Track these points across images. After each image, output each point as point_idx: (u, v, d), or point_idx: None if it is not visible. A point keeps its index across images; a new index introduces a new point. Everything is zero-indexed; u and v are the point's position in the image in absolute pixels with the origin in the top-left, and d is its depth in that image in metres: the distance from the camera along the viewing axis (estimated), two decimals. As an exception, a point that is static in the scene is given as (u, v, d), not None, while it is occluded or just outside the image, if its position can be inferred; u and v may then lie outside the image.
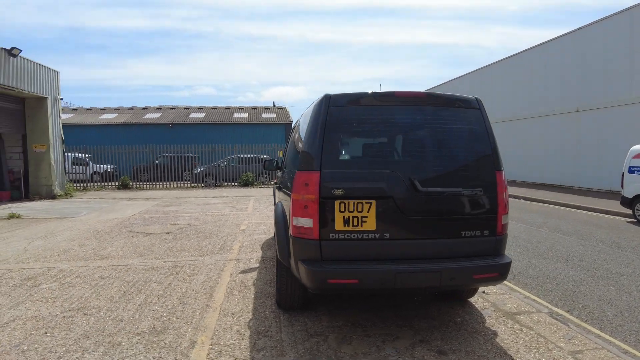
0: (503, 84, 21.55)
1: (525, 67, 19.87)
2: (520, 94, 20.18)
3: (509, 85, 21.04)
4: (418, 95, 3.35)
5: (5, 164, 14.24)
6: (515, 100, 20.45)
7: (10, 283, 5.01)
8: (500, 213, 3.30)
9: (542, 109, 18.63)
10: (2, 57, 11.82)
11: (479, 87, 23.83)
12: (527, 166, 19.57)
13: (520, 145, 20.19)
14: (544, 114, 18.51)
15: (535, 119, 19.09)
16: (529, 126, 19.50)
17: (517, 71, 20.44)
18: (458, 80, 26.59)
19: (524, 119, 19.80)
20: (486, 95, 23.21)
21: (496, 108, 22.08)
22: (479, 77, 24.16)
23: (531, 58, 19.54)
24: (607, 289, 5.08)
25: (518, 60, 20.47)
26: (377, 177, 3.17)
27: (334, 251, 3.12)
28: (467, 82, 25.32)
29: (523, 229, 8.97)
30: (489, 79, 23.01)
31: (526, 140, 19.74)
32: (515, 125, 20.46)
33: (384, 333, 3.57)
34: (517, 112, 20.40)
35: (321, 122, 3.19)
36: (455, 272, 3.11)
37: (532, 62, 19.43)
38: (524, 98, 19.95)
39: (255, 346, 3.37)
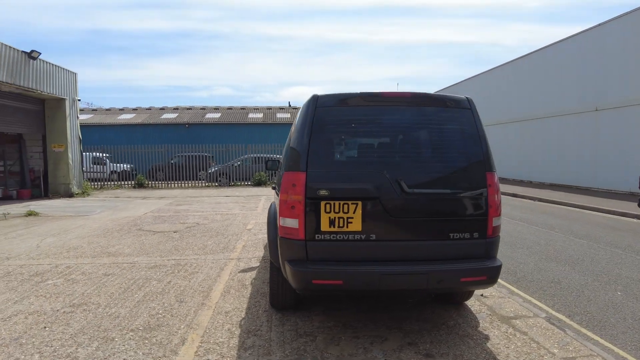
0: (518, 83, 21.09)
1: (540, 66, 19.39)
2: (535, 93, 19.70)
3: (523, 85, 20.58)
4: (405, 96, 3.31)
5: (26, 163, 14.75)
6: (531, 100, 19.97)
7: (18, 278, 5.19)
8: (491, 215, 3.24)
9: (558, 109, 18.16)
10: (23, 60, 12.25)
11: (493, 87, 23.40)
12: (542, 167, 19.11)
13: (535, 145, 19.73)
14: (560, 114, 18.03)
15: (551, 119, 18.61)
16: (545, 126, 19.03)
17: (532, 70, 19.96)
18: (471, 80, 26.16)
19: (540, 118, 19.33)
20: (500, 95, 22.80)
21: (511, 108, 21.64)
22: (492, 76, 23.70)
23: (546, 57, 19.06)
24: (613, 294, 4.92)
25: (533, 59, 19.99)
26: (363, 178, 3.16)
27: (320, 252, 3.12)
28: (479, 82, 24.89)
29: (533, 230, 8.76)
30: (504, 79, 22.54)
31: (542, 140, 19.27)
32: (531, 125, 20.00)
33: (373, 335, 3.55)
34: (532, 112, 19.93)
35: (308, 123, 3.20)
36: (442, 275, 3.07)
37: (548, 61, 18.95)
38: (539, 97, 19.47)
39: (244, 345, 3.41)
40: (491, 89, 23.76)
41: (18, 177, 14.73)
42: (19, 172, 14.73)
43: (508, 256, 6.69)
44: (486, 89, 24.31)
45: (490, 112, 23.64)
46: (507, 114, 22.02)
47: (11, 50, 11.77)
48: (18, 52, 12.05)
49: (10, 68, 11.77)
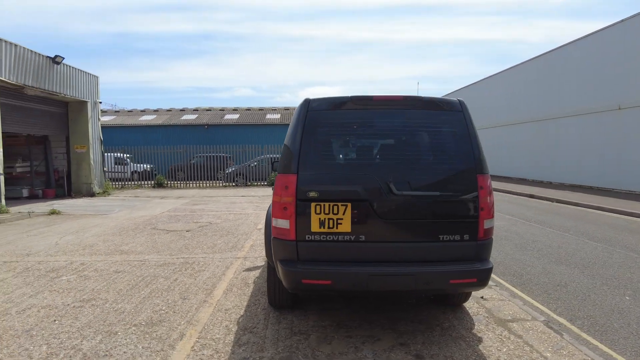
0: (537, 82, 20.57)
1: (559, 65, 18.86)
2: (554, 92, 19.19)
3: (542, 84, 20.06)
4: (396, 99, 3.35)
5: (51, 163, 15.38)
6: (550, 99, 19.46)
7: (35, 274, 5.46)
8: (482, 217, 3.23)
9: (578, 108, 17.64)
10: (47, 64, 12.79)
11: (510, 86, 22.91)
12: (562, 167, 18.61)
13: (554, 145, 19.22)
14: (580, 113, 17.52)
15: (571, 118, 18.09)
16: (564, 125, 18.50)
17: (550, 69, 19.44)
18: (489, 79, 25.68)
19: (559, 118, 18.81)
20: (518, 94, 22.31)
21: (529, 107, 21.15)
22: (510, 75, 23.19)
23: (566, 55, 18.53)
24: (621, 298, 4.81)
25: (551, 57, 19.47)
26: (353, 180, 3.21)
27: (310, 252, 3.19)
28: (496, 81, 24.39)
29: (547, 232, 8.59)
30: (522, 78, 22.03)
31: (561, 140, 18.76)
32: (549, 125, 19.49)
33: (366, 334, 3.60)
34: (551, 111, 19.42)
35: (300, 126, 3.28)
36: (430, 276, 3.10)
37: (567, 59, 18.42)
38: (558, 97, 18.96)
39: (239, 341, 3.51)
40: (508, 89, 23.28)
41: (44, 177, 15.38)
42: (45, 172, 15.37)
43: (516, 258, 6.60)
44: (503, 88, 23.84)
45: (508, 112, 23.17)
46: (525, 114, 21.53)
47: (36, 56, 12.31)
48: (43, 57, 12.59)
49: (35, 73, 12.32)
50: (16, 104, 12.72)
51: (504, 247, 7.36)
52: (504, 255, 6.81)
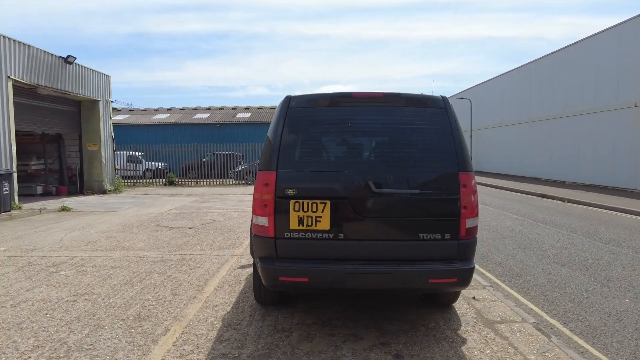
0: (551, 80, 20.08)
1: (573, 62, 18.36)
2: (569, 90, 18.69)
3: (556, 82, 19.57)
4: (376, 96, 3.30)
5: (65, 161, 15.76)
6: (565, 97, 18.97)
7: (36, 269, 5.60)
8: (463, 216, 3.17)
9: (592, 106, 17.16)
10: (60, 64, 13.10)
11: (523, 84, 22.43)
12: (576, 166, 18.14)
13: (568, 144, 18.75)
14: (595, 111, 17.03)
15: (585, 116, 17.61)
16: (578, 124, 18.02)
17: (565, 66, 18.94)
18: (499, 78, 25.18)
19: (573, 116, 18.33)
20: (532, 92, 21.84)
21: (542, 105, 20.68)
22: (522, 73, 22.69)
23: (580, 51, 18.02)
24: (620, 301, 4.66)
25: (564, 54, 18.96)
26: (332, 177, 3.19)
27: (289, 250, 3.18)
28: (507, 79, 23.90)
29: (553, 233, 8.38)
30: (534, 75, 21.53)
31: (575, 139, 18.27)
32: (563, 123, 19.00)
33: (349, 333, 3.57)
34: (565, 109, 18.94)
35: (281, 124, 3.27)
36: (409, 276, 3.05)
37: (582, 56, 17.91)
38: (573, 94, 18.46)
39: (221, 337, 3.53)
40: (522, 86, 22.80)
41: (57, 174, 15.77)
42: (59, 170, 15.76)
43: (517, 259, 6.46)
44: (517, 86, 23.36)
45: (521, 110, 22.70)
46: (539, 112, 21.06)
47: (49, 56, 12.62)
48: (55, 58, 12.90)
49: (48, 73, 12.63)
50: (30, 103, 13.07)
51: (506, 247, 7.22)
52: (505, 255, 6.68)
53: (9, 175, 10.33)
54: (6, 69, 11.03)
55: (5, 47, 11.02)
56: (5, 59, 10.97)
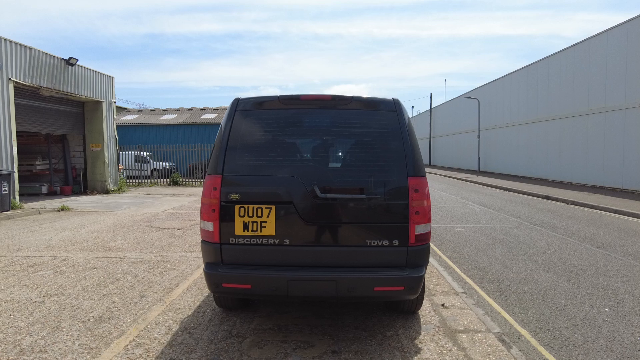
0: (558, 78, 19.57)
1: (582, 60, 17.85)
2: (577, 88, 18.19)
3: (564, 80, 19.06)
4: (324, 98, 3.22)
5: (69, 161, 16.03)
6: (572, 96, 18.47)
7: (16, 269, 5.68)
8: (412, 222, 3.07)
9: (601, 105, 16.67)
10: (62, 66, 13.32)
11: (532, 83, 21.92)
12: (583, 167, 17.66)
13: (576, 144, 18.25)
14: (604, 110, 16.54)
15: (594, 116, 17.11)
16: (587, 123, 17.51)
17: (573, 64, 18.43)
18: (509, 77, 24.66)
19: (581, 115, 17.83)
20: (541, 92, 21.35)
21: (550, 104, 20.18)
22: (531, 72, 22.17)
23: (589, 50, 17.51)
24: (599, 310, 4.48)
25: (575, 52, 18.44)
26: (278, 182, 3.12)
27: (234, 255, 3.13)
28: (515, 79, 23.36)
29: (548, 237, 8.15)
30: (544, 75, 21.01)
31: (583, 139, 17.77)
32: (571, 123, 18.50)
33: (302, 340, 3.51)
34: (573, 109, 18.43)
35: (227, 127, 3.22)
36: (354, 283, 2.97)
37: (591, 54, 17.41)
38: (581, 93, 17.96)
39: (173, 342, 3.50)
40: (530, 85, 22.30)
41: (62, 174, 16.05)
42: (63, 170, 16.04)
43: (503, 264, 6.29)
44: (525, 85, 22.86)
45: (528, 109, 22.22)
46: (547, 111, 20.56)
47: (51, 58, 12.84)
48: (57, 59, 13.13)
49: (50, 74, 12.85)
50: (33, 104, 13.33)
51: (495, 251, 7.05)
52: (490, 260, 6.52)
53: (8, 175, 10.54)
54: (7, 70, 11.26)
55: (7, 50, 11.25)
56: (6, 61, 11.20)
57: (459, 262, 6.46)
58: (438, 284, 5.06)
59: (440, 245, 7.54)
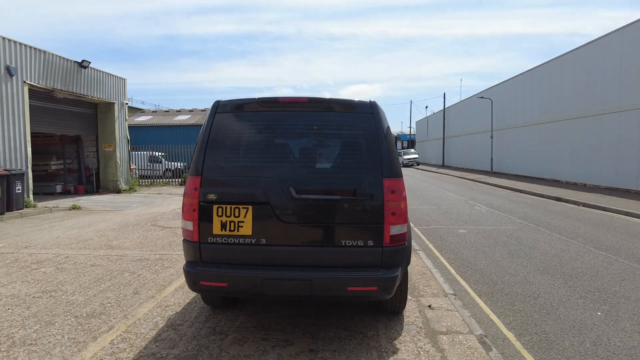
0: (572, 77, 19.11)
1: (596, 58, 17.40)
2: (591, 87, 17.75)
3: (578, 79, 18.61)
4: (301, 101, 3.27)
5: (83, 161, 16.48)
6: (586, 95, 18.03)
7: (21, 265, 5.89)
8: (387, 223, 3.09)
9: (616, 104, 16.23)
10: (74, 68, 13.71)
11: (546, 82, 21.49)
12: (598, 168, 17.22)
13: (590, 145, 17.79)
14: (618, 110, 16.10)
15: (608, 115, 16.67)
16: (602, 123, 17.07)
17: (587, 63, 17.98)
18: (522, 76, 24.20)
19: (596, 115, 17.38)
20: (555, 91, 20.92)
21: (562, 104, 19.75)
22: (545, 71, 21.71)
23: (604, 47, 17.06)
24: (591, 314, 4.40)
25: (589, 50, 17.99)
26: (255, 183, 3.19)
27: (212, 254, 3.21)
28: (529, 77, 22.91)
29: (551, 239, 8.01)
30: (558, 73, 20.56)
31: (598, 140, 17.31)
32: (585, 123, 18.05)
33: (282, 338, 3.56)
34: (587, 109, 17.99)
35: (208, 128, 3.31)
36: (327, 283, 3.01)
37: (605, 52, 16.96)
38: (595, 92, 17.52)
39: (158, 337, 3.60)
40: (543, 85, 21.85)
41: (76, 174, 16.51)
42: (77, 170, 16.50)
43: (501, 266, 6.23)
44: (538, 85, 22.42)
45: (543, 109, 21.79)
46: (561, 111, 20.13)
47: (64, 61, 13.23)
48: (70, 62, 13.52)
49: (63, 77, 13.25)
50: (48, 106, 13.75)
51: (494, 253, 6.97)
52: (488, 262, 6.46)
53: (22, 175, 10.91)
54: (22, 74, 11.66)
55: (21, 54, 11.64)
56: (21, 64, 11.60)
57: (455, 263, 6.42)
58: (429, 285, 5.05)
59: (439, 247, 7.50)
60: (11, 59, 11.31)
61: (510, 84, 26.37)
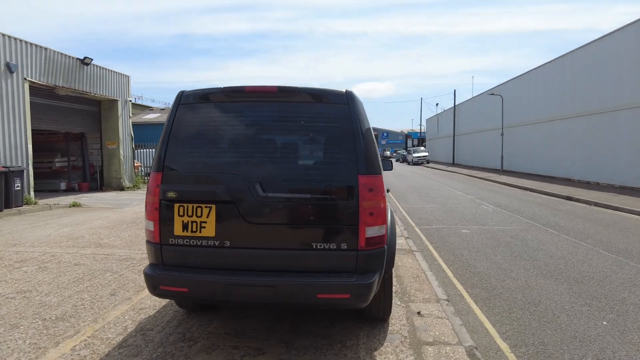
0: (585, 73, 18.44)
1: (609, 53, 16.74)
2: (605, 83, 17.09)
3: (592, 74, 17.94)
4: (270, 90, 3.00)
5: (87, 159, 16.48)
6: (600, 91, 17.37)
7: (3, 264, 5.76)
8: (363, 224, 2.81)
9: (631, 100, 15.59)
10: (76, 66, 13.66)
11: (557, 78, 20.81)
12: (612, 167, 16.59)
13: (603, 143, 17.15)
14: (633, 106, 15.46)
15: (623, 112, 16.03)
16: (616, 120, 16.43)
17: (600, 57, 17.32)
18: (533, 72, 23.53)
19: (610, 111, 16.73)
20: (564, 87, 20.26)
21: (575, 100, 19.10)
22: (556, 67, 21.01)
23: (617, 42, 16.40)
24: (596, 323, 4.06)
25: (602, 44, 17.32)
26: (219, 179, 2.93)
27: (174, 257, 2.97)
28: (540, 73, 22.23)
29: (559, 240, 7.61)
30: (570, 69, 19.87)
31: (612, 137, 16.67)
32: (599, 119, 17.40)
33: (255, 347, 3.31)
34: (600, 105, 17.34)
35: (170, 121, 3.07)
36: (294, 289, 2.74)
37: (619, 46, 16.29)
38: (609, 88, 16.86)
39: (123, 343, 3.39)
40: (555, 81, 21.18)
41: (80, 171, 16.53)
42: (81, 167, 16.51)
43: (502, 269, 5.89)
44: (549, 81, 21.74)
45: (555, 106, 21.13)
46: (572, 108, 19.48)
47: (65, 58, 13.19)
48: (72, 59, 13.48)
49: (65, 74, 13.21)
50: (50, 103, 13.74)
51: (496, 255, 6.63)
52: (489, 265, 6.12)
53: (21, 172, 10.88)
54: (22, 70, 11.63)
55: (22, 50, 11.61)
56: (21, 61, 11.57)
57: (454, 266, 6.10)
58: (421, 290, 4.76)
59: (439, 248, 7.18)
60: (11, 56, 11.29)
61: (521, 81, 25.69)
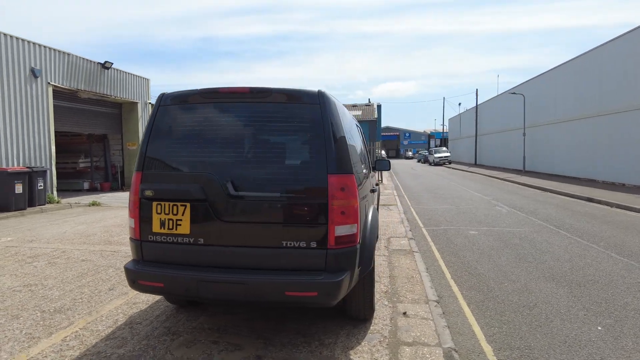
0: (613, 69, 17.69)
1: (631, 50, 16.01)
2: (632, 80, 16.36)
3: (619, 71, 17.20)
4: (242, 91, 3.07)
5: (109, 159, 17.10)
6: (627, 89, 16.64)
7: (18, 259, 6.08)
8: (332, 223, 2.84)
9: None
10: (97, 70, 14.21)
11: (582, 75, 20.04)
12: (634, 167, 15.86)
13: (628, 143, 16.41)
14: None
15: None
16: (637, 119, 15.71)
17: (626, 53, 16.57)
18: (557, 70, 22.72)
19: (635, 110, 16.00)
20: (589, 84, 19.50)
21: (602, 98, 18.35)
22: (581, 64, 20.24)
23: None
24: (590, 328, 3.93)
25: (630, 38, 16.57)
26: (193, 179, 3.03)
27: (153, 253, 3.10)
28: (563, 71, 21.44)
29: (569, 243, 7.37)
30: (593, 65, 19.10)
31: (634, 137, 15.93)
32: (624, 119, 16.67)
33: (234, 343, 3.39)
34: (628, 103, 16.61)
35: (150, 122, 3.19)
36: (263, 287, 2.80)
37: None
38: (635, 86, 16.14)
39: (111, 335, 3.53)
40: (579, 78, 20.41)
41: (103, 171, 17.16)
42: (104, 167, 17.14)
43: (503, 271, 5.77)
44: (574, 79, 20.97)
45: (579, 105, 20.37)
46: (598, 106, 18.72)
47: (87, 62, 13.74)
48: (93, 64, 14.02)
49: (87, 78, 13.76)
50: (73, 106, 14.34)
51: (500, 257, 6.49)
52: (491, 266, 6.00)
53: (44, 172, 11.41)
54: (46, 75, 12.19)
55: (45, 56, 12.18)
56: (45, 66, 12.13)
57: (454, 267, 6.02)
58: (412, 290, 4.72)
59: (442, 249, 7.09)
60: (36, 62, 11.86)
61: (544, 79, 24.91)
